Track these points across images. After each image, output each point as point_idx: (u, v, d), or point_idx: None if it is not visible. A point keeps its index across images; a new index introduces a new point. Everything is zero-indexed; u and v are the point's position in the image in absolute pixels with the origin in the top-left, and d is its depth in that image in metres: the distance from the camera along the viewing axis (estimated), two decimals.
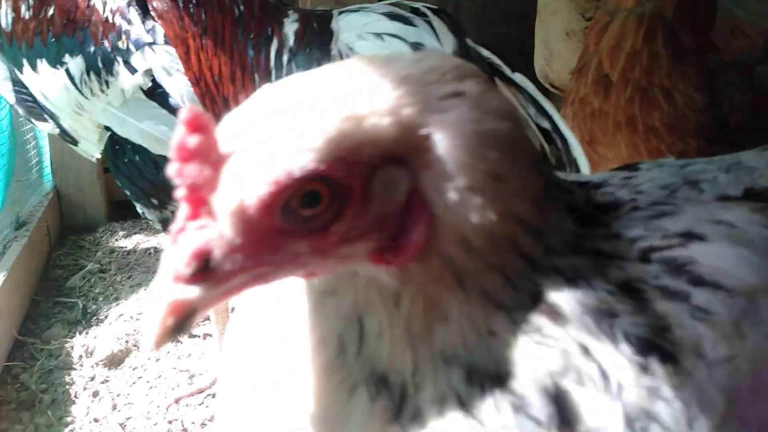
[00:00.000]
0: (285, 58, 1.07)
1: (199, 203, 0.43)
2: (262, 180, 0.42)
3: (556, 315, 0.46)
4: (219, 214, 0.43)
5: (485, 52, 0.98)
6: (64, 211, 2.63)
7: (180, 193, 0.43)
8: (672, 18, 1.13)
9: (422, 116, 0.45)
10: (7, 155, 2.00)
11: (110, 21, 1.12)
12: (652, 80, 1.13)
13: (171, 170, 0.42)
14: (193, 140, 0.43)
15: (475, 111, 0.46)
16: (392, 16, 1.00)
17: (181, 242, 0.43)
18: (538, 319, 0.47)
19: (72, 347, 1.79)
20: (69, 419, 1.56)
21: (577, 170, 0.90)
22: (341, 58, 1.00)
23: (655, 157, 1.14)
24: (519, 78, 0.96)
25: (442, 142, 0.45)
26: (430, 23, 0.98)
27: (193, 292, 0.43)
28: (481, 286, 0.46)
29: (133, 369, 1.74)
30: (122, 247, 2.45)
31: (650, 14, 1.12)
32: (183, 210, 0.44)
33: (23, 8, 1.13)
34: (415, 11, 1.01)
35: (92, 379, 1.70)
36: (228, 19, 1.13)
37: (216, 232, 0.43)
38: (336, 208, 0.44)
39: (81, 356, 1.76)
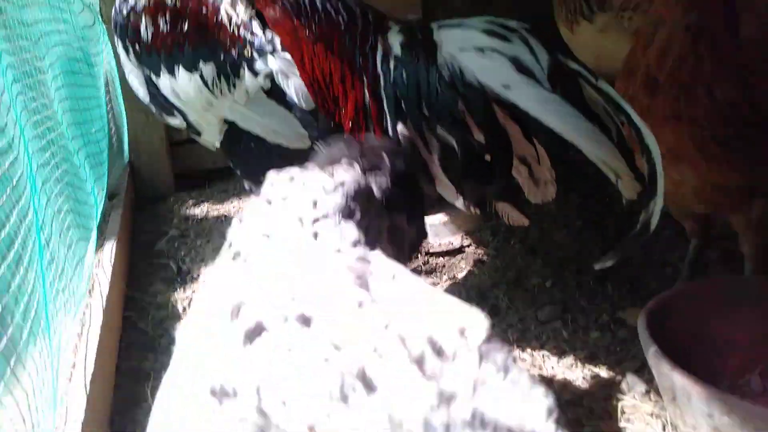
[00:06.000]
0: (392, 64, 1.29)
1: None
2: None
3: None
4: None
5: (574, 65, 1.13)
6: (137, 184, 2.90)
7: None
8: (714, 24, 1.32)
9: None
10: (107, 139, 2.26)
11: (236, 33, 1.35)
12: (697, 80, 1.33)
13: None
14: None
15: None
16: (490, 33, 1.18)
17: None
18: None
19: (175, 300, 2.09)
20: None
21: (650, 157, 1.08)
22: (447, 66, 1.21)
23: (699, 144, 1.35)
24: (603, 85, 1.11)
25: None
26: (525, 40, 1.16)
27: None
28: None
29: None
30: (194, 215, 2.73)
31: (695, 23, 1.31)
32: None
33: (162, 23, 1.36)
34: (510, 29, 1.19)
35: None
36: (336, 30, 1.35)
37: None
38: None
39: (184, 308, 2.06)
